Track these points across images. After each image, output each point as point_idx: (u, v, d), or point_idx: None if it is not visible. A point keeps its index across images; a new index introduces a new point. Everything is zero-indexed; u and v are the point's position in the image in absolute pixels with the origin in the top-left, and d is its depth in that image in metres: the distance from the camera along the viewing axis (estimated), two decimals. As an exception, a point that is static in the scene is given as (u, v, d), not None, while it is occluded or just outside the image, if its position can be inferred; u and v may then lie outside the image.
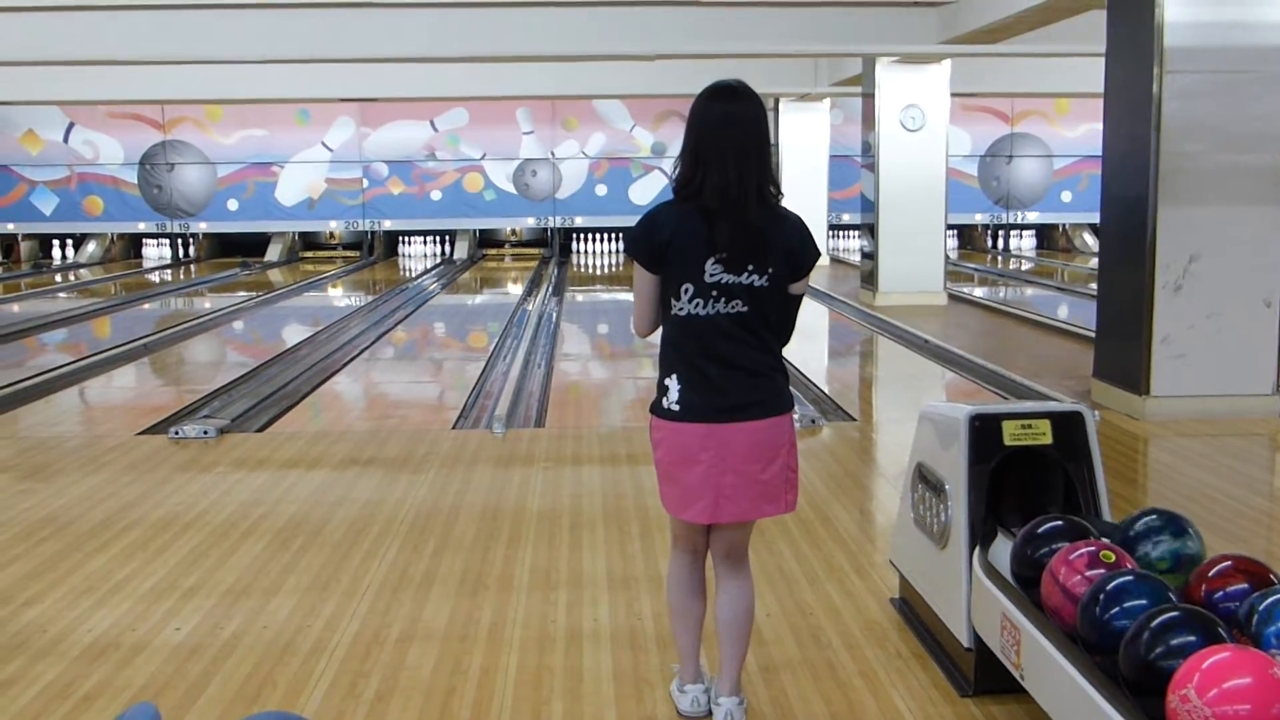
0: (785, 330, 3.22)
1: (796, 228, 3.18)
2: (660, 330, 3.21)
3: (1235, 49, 7.21)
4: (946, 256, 14.46)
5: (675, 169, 3.14)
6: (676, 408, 3.13)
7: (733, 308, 3.08)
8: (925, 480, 3.88)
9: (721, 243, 3.04)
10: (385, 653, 3.91)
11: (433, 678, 3.71)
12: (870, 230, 14.31)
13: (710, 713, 3.36)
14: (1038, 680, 3.02)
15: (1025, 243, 23.92)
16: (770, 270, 3.09)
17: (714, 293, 3.07)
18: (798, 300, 3.24)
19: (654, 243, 3.09)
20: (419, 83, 16.24)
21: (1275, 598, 2.62)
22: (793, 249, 3.14)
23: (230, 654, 3.91)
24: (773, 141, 3.17)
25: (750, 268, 3.07)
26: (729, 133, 3.04)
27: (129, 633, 4.10)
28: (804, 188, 20.15)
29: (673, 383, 3.14)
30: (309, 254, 23.29)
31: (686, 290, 3.08)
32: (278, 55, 12.02)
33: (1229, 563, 2.87)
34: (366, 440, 7.13)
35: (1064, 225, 23.52)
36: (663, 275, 3.11)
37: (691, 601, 3.37)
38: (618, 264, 21.02)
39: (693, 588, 3.37)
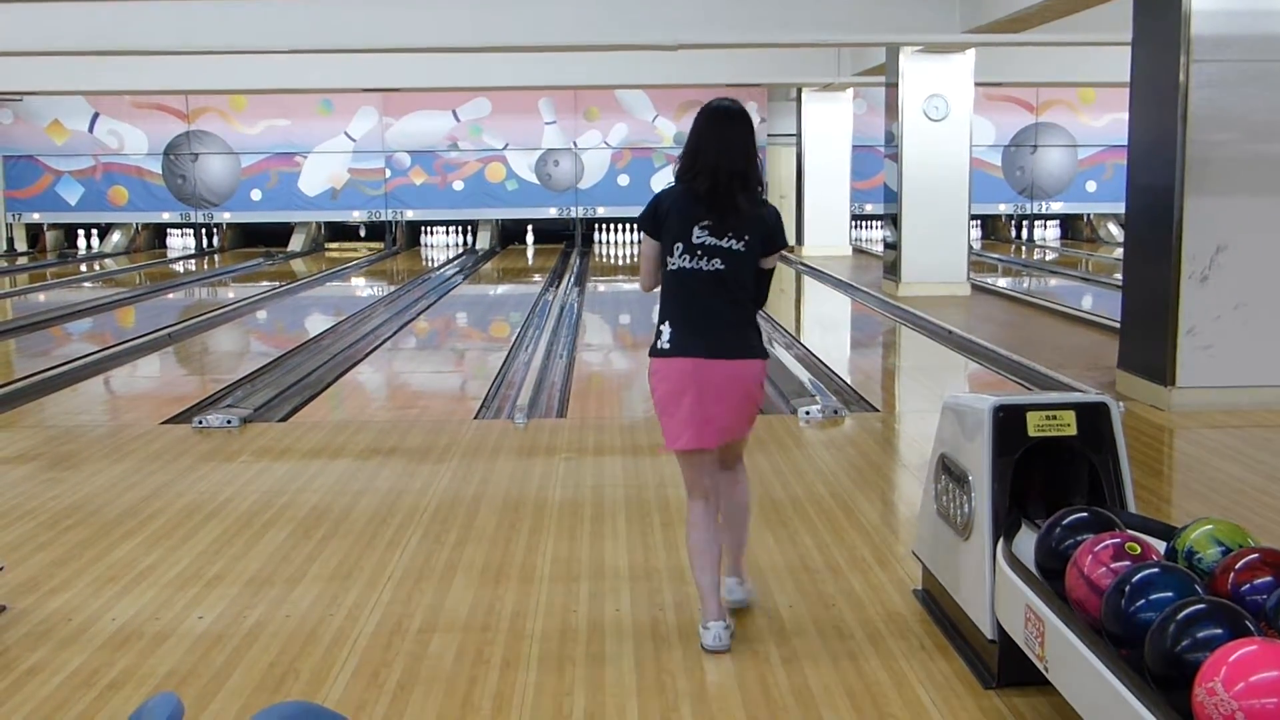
0: (759, 296, 3.97)
1: (773, 215, 3.92)
2: (660, 288, 3.95)
3: (1263, 38, 7.14)
4: (970, 247, 14.39)
5: (678, 162, 3.92)
6: (668, 346, 3.81)
7: (713, 265, 3.80)
8: (948, 471, 3.86)
9: (707, 213, 3.78)
10: (407, 642, 3.91)
11: (454, 668, 3.71)
12: (893, 220, 14.25)
13: (730, 648, 3.80)
14: (1062, 673, 3.00)
15: (1050, 233, 23.80)
16: (746, 239, 3.81)
17: (699, 251, 3.79)
18: (768, 274, 3.98)
19: (657, 213, 3.87)
20: (441, 73, 16.25)
21: (1303, 591, 2.59)
22: (768, 230, 3.87)
23: (253, 643, 3.92)
24: (761, 144, 4.22)
25: (730, 235, 3.79)
26: (721, 136, 3.79)
27: (153, 621, 4.12)
28: (827, 177, 20.18)
29: (665, 328, 3.84)
30: (334, 245, 23.33)
31: (678, 248, 3.82)
32: (301, 45, 12.05)
33: (1256, 555, 2.84)
34: (389, 430, 7.15)
35: (1089, 215, 23.39)
36: (662, 238, 3.86)
37: (708, 544, 3.85)
38: (640, 254, 20.99)
39: (708, 532, 3.86)
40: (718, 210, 3.77)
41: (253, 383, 8.73)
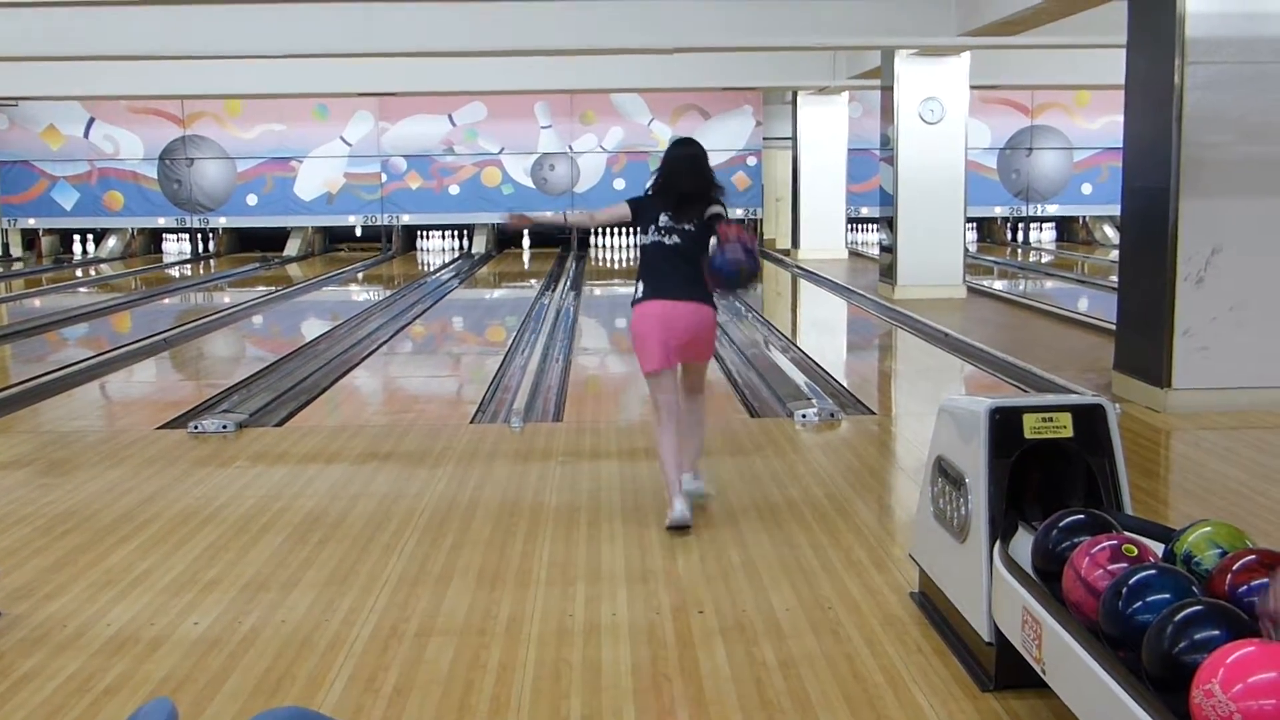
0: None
1: (717, 214, 5.27)
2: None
3: (1258, 40, 7.15)
4: (966, 249, 14.40)
5: (654, 178, 5.43)
6: (642, 296, 5.26)
7: (672, 240, 5.24)
8: (945, 474, 3.86)
9: (668, 206, 5.27)
10: (404, 647, 3.91)
11: (451, 671, 3.71)
12: (889, 223, 14.26)
13: (690, 522, 5.08)
14: (1059, 675, 2.99)
15: (1045, 235, 23.81)
16: (694, 224, 5.23)
17: (662, 231, 5.25)
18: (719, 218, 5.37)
19: (640, 201, 5.41)
20: (437, 77, 16.26)
21: (1300, 592, 2.59)
22: (710, 217, 5.24)
23: (249, 648, 3.91)
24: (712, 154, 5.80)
25: (683, 221, 5.24)
26: (677, 161, 5.38)
27: (148, 626, 4.11)
28: (823, 180, 20.21)
29: (640, 285, 5.28)
30: (339, 246, 23.32)
31: (649, 229, 5.28)
32: (296, 50, 12.06)
33: (1253, 556, 2.84)
34: (385, 434, 7.14)
35: (1084, 218, 23.42)
36: (637, 221, 5.32)
37: (672, 449, 5.21)
38: (636, 259, 21.00)
39: (673, 439, 5.22)
40: (672, 204, 5.27)
41: (248, 388, 8.72)
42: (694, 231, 5.21)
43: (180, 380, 10.04)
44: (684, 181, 5.29)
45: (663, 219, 5.23)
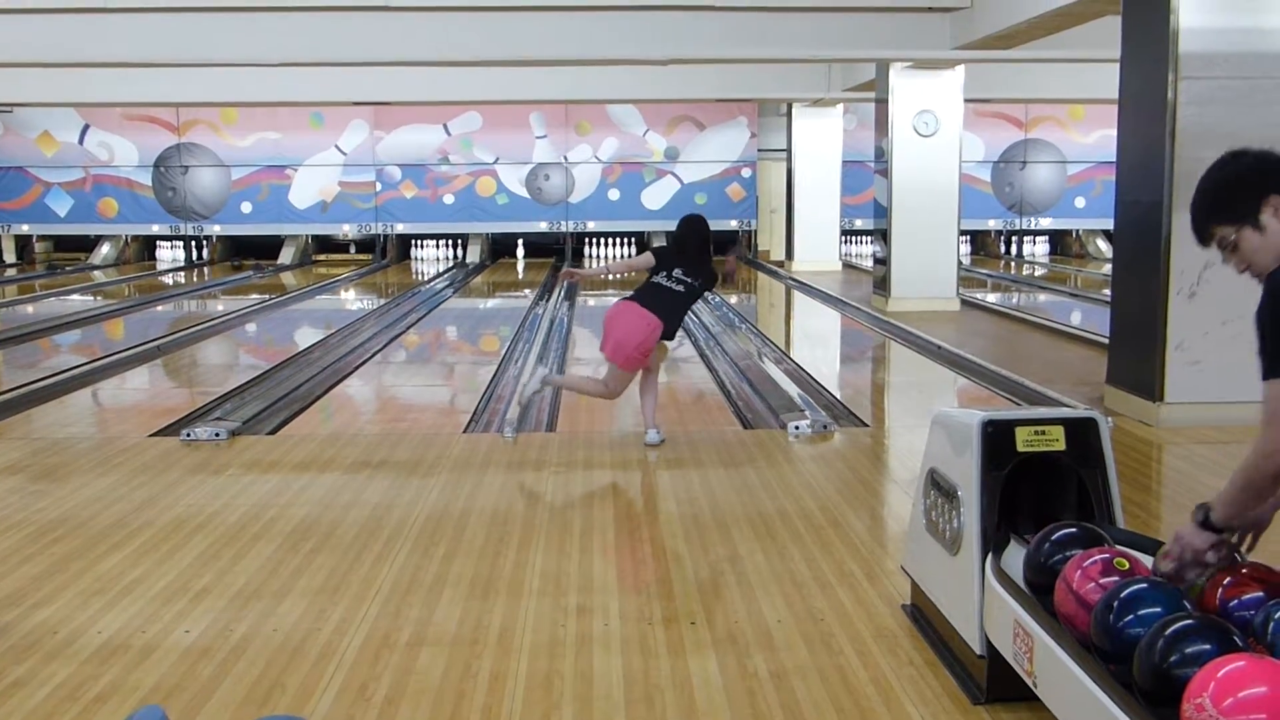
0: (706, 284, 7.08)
1: (713, 275, 7.02)
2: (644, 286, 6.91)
3: (1251, 55, 7.18)
4: (959, 262, 14.43)
5: (671, 243, 7.33)
6: (631, 296, 6.83)
7: (677, 287, 6.78)
8: (938, 486, 3.86)
9: (680, 263, 6.87)
10: (395, 656, 3.90)
11: (443, 682, 3.70)
12: (883, 236, 14.28)
13: (660, 442, 6.83)
14: (1051, 688, 3.00)
15: (1039, 248, 23.87)
16: (699, 280, 6.88)
17: (673, 280, 6.79)
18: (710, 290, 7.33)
19: (662, 253, 7.13)
20: (432, 86, 16.27)
21: (1291, 606, 2.59)
22: (710, 274, 6.97)
23: (240, 656, 3.90)
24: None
25: (690, 276, 6.82)
26: (685, 231, 7.07)
27: (139, 634, 4.10)
28: (817, 192, 20.25)
29: (636, 294, 6.81)
30: (322, 256, 23.36)
31: (664, 274, 6.82)
32: (292, 58, 12.05)
33: (1244, 570, 2.85)
34: (378, 443, 7.14)
35: (1077, 231, 23.48)
36: (659, 268, 6.88)
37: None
38: (636, 257, 21.00)
39: (645, 386, 6.99)
40: (683, 263, 6.87)
41: (241, 395, 8.71)
42: (696, 285, 6.85)
43: (173, 388, 10.02)
44: (692, 248, 6.98)
45: (677, 272, 6.81)
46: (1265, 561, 2.95)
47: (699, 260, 6.86)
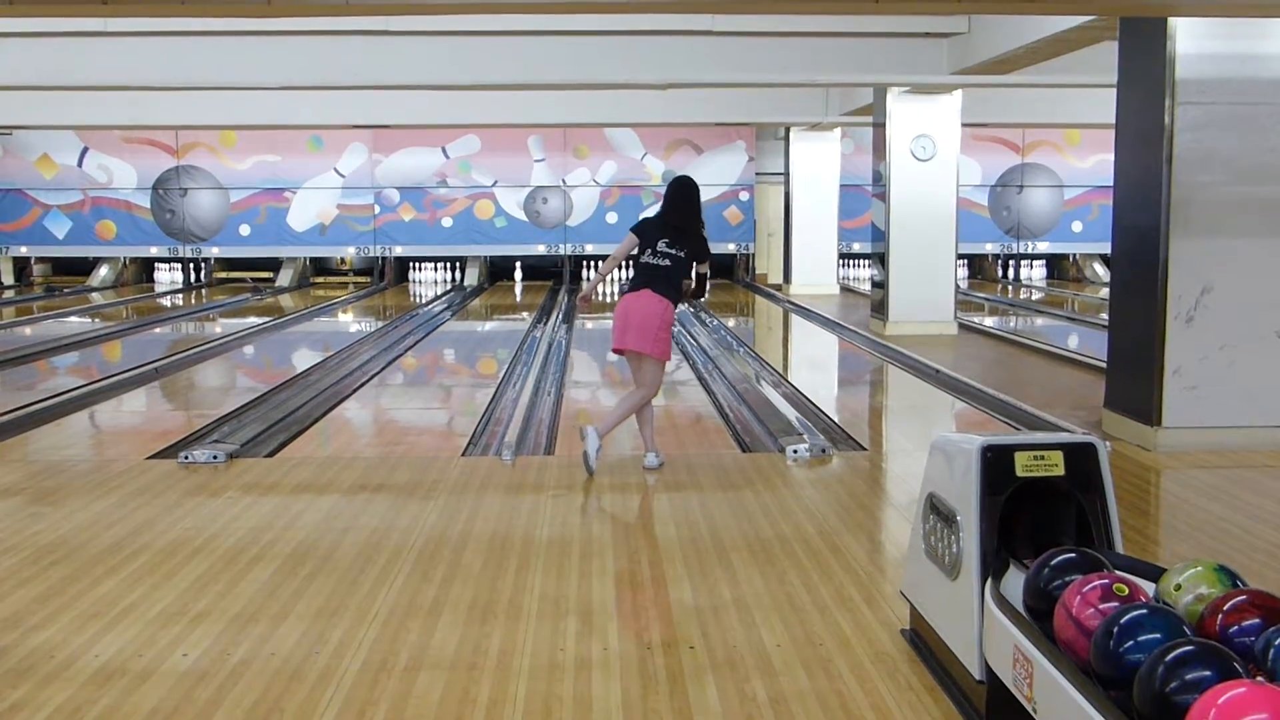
0: (699, 289, 7.01)
1: (703, 242, 6.84)
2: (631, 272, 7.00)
3: (1248, 81, 7.21)
4: (957, 286, 14.45)
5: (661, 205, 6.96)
6: (625, 292, 6.83)
7: (662, 261, 6.69)
8: (936, 511, 3.86)
9: (664, 234, 6.74)
10: (393, 681, 3.89)
11: (441, 706, 3.69)
12: (881, 259, 14.31)
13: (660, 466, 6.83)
14: (1050, 714, 2.99)
15: (1036, 273, 23.93)
16: (685, 251, 6.73)
17: (658, 254, 6.70)
18: (705, 275, 6.98)
19: (643, 227, 6.87)
20: (431, 110, 16.31)
21: (1291, 633, 2.59)
22: (698, 246, 6.79)
23: (237, 681, 3.89)
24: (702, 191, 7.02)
25: (676, 247, 6.70)
26: (672, 196, 6.86)
27: (136, 658, 4.09)
28: (815, 216, 20.30)
29: (628, 285, 6.83)
30: (320, 279, 23.39)
31: (647, 250, 6.74)
32: (291, 82, 12.09)
33: (1244, 597, 2.84)
34: (376, 466, 7.13)
35: (1075, 255, 23.54)
36: (643, 246, 6.75)
37: (647, 415, 6.92)
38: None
39: (642, 410, 6.84)
40: (668, 233, 6.72)
41: (239, 418, 8.70)
42: (682, 257, 6.72)
43: (171, 410, 10.02)
44: (676, 216, 6.80)
45: (661, 244, 6.69)
46: (1265, 588, 2.95)
47: (686, 226, 6.76)
